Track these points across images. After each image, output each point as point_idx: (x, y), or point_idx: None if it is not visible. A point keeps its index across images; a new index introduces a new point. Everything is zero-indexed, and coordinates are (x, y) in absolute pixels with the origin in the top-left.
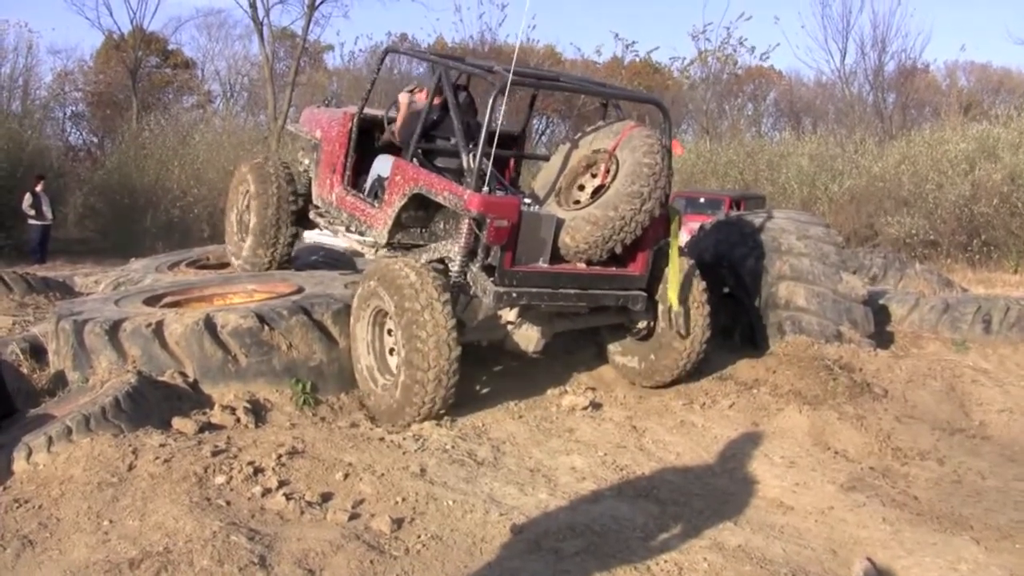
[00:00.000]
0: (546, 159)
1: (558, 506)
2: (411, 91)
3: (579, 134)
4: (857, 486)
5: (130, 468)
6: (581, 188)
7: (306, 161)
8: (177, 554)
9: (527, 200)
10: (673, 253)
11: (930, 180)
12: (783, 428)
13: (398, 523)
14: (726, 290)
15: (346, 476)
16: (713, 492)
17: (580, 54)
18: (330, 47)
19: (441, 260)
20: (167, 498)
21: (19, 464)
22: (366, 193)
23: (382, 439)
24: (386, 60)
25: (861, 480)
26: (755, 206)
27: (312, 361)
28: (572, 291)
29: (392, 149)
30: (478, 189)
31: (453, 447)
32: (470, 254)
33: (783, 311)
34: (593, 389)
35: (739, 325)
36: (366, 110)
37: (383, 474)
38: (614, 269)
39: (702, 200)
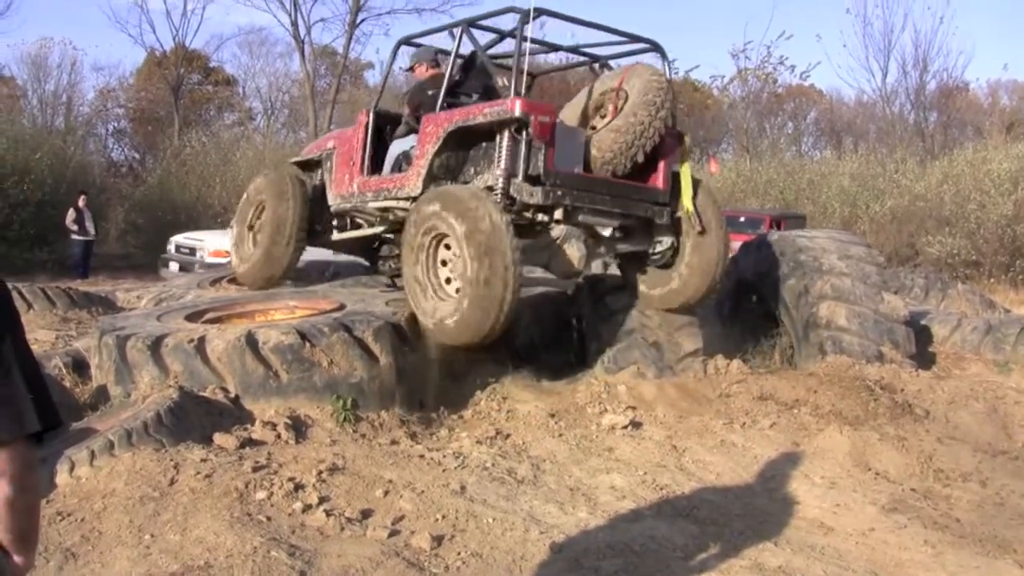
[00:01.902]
0: None
1: (597, 525)
2: (410, 68)
3: (584, 89)
4: (898, 508)
5: (172, 483)
6: (594, 128)
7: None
8: (218, 569)
9: None
10: (684, 169)
11: (972, 200)
12: (824, 448)
13: (438, 540)
14: (762, 309)
15: (386, 493)
16: (753, 512)
17: None
18: (370, 64)
19: None
20: (208, 513)
21: (62, 477)
22: (389, 171)
23: (422, 456)
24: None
25: (902, 502)
26: (795, 225)
27: (353, 378)
28: (607, 197)
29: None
30: (518, 95)
31: (493, 465)
32: (511, 174)
33: (824, 331)
34: (633, 408)
35: (779, 345)
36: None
37: (423, 491)
38: (639, 183)
39: (742, 219)
